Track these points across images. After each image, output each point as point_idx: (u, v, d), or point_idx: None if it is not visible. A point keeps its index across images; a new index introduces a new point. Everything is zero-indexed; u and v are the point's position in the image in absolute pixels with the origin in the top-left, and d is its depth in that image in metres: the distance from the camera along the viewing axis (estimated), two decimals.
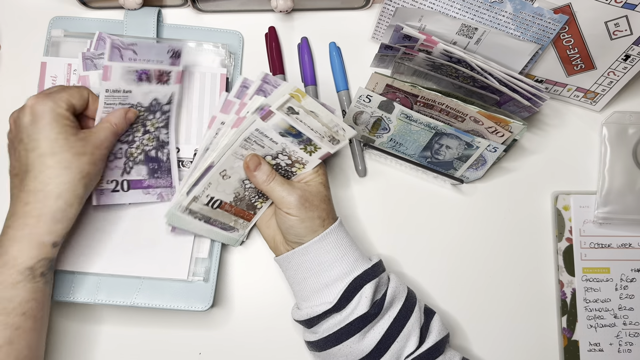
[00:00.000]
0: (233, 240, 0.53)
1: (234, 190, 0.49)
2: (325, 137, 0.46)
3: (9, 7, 0.59)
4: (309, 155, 0.47)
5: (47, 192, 0.42)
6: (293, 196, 0.46)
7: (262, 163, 0.47)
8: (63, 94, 0.45)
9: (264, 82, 0.49)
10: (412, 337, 0.45)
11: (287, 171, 0.49)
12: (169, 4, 0.60)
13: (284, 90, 0.43)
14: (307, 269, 0.46)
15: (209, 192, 0.48)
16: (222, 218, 0.51)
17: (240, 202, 0.51)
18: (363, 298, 0.45)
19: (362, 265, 0.46)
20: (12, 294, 0.41)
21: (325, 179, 0.49)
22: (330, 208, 0.48)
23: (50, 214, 0.42)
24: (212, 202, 0.49)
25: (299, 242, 0.47)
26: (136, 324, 0.53)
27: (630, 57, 0.54)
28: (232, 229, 0.52)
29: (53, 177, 0.42)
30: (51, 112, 0.43)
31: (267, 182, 0.47)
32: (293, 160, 0.48)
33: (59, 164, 0.42)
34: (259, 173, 0.47)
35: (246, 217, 0.52)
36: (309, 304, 0.46)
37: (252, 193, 0.50)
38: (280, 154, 0.47)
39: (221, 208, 0.50)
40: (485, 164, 0.55)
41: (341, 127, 0.46)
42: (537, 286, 0.57)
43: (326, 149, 0.47)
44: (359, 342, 0.45)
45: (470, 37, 0.54)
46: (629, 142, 0.59)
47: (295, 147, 0.47)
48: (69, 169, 0.43)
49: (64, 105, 0.44)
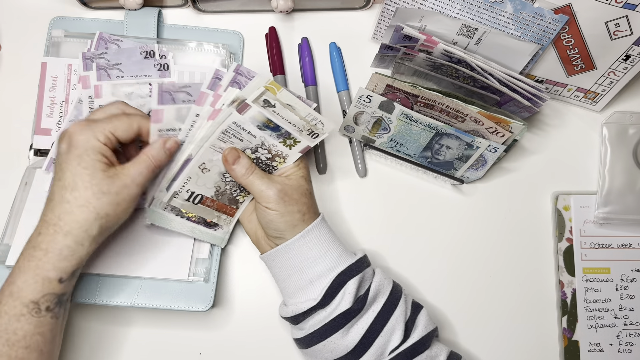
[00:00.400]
0: (218, 239, 0.53)
1: (215, 184, 0.49)
2: (304, 130, 0.46)
3: (9, 7, 0.59)
4: (288, 149, 0.47)
5: (59, 227, 0.40)
6: (272, 190, 0.46)
7: (241, 156, 0.46)
8: (107, 125, 0.42)
9: (236, 73, 0.48)
10: (397, 331, 0.45)
11: (268, 165, 0.49)
12: (169, 4, 0.60)
13: (258, 83, 0.42)
14: (291, 266, 0.46)
15: (189, 187, 0.48)
16: (204, 214, 0.51)
17: (222, 196, 0.50)
18: (346, 294, 0.45)
19: (346, 260, 0.46)
20: (17, 327, 0.40)
21: (306, 173, 0.49)
22: (311, 202, 0.48)
23: (57, 250, 0.40)
24: (193, 197, 0.49)
25: (279, 237, 0.47)
26: (137, 324, 0.53)
27: (631, 57, 0.54)
28: (215, 226, 0.52)
29: (67, 213, 0.40)
30: (85, 144, 0.41)
31: (246, 175, 0.46)
32: (273, 154, 0.47)
33: (75, 200, 0.40)
34: (237, 166, 0.46)
35: (229, 212, 0.52)
36: (295, 301, 0.47)
37: (234, 187, 0.50)
38: (259, 148, 0.47)
39: (202, 203, 0.50)
40: (485, 164, 0.55)
41: (319, 121, 0.45)
42: (538, 286, 0.57)
43: (306, 142, 0.46)
44: (343, 337, 0.45)
45: (471, 38, 0.54)
46: (629, 142, 0.59)
47: (275, 141, 0.46)
48: (85, 207, 0.41)
49: (102, 138, 0.42)
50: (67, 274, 0.42)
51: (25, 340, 0.40)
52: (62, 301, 0.43)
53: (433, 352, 0.46)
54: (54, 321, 0.42)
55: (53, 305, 0.42)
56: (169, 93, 0.46)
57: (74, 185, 0.41)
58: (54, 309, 0.42)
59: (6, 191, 0.52)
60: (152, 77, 0.52)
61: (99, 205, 0.41)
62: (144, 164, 0.44)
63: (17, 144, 0.54)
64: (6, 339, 0.40)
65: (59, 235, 0.41)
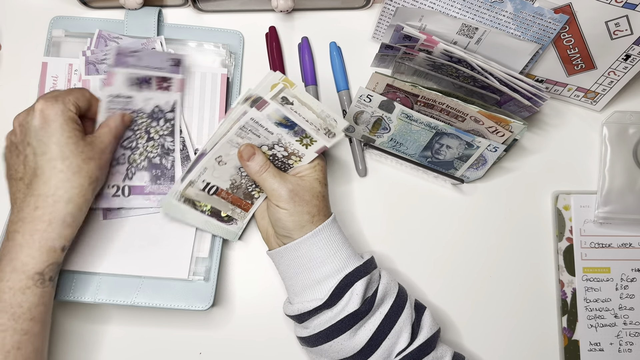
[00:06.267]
0: (232, 234, 0.53)
1: (230, 177, 0.49)
2: (321, 129, 0.46)
3: (9, 7, 0.59)
4: (305, 148, 0.47)
5: (58, 196, 0.42)
6: (284, 189, 0.46)
7: (257, 153, 0.47)
8: (70, 97, 0.45)
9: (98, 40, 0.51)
10: (404, 333, 0.45)
11: (284, 163, 0.49)
12: (169, 4, 0.60)
13: (270, 80, 0.43)
14: (299, 264, 0.46)
15: (204, 177, 0.48)
16: (219, 205, 0.51)
17: (237, 189, 0.50)
18: (354, 295, 0.45)
19: (354, 262, 0.46)
20: (22, 300, 0.41)
21: (322, 175, 0.49)
22: (322, 205, 0.47)
23: (61, 219, 0.42)
24: (208, 188, 0.49)
25: (286, 236, 0.47)
26: (137, 323, 0.53)
27: (631, 56, 0.54)
28: (230, 219, 0.52)
29: (64, 182, 0.42)
30: (62, 116, 0.43)
31: (260, 172, 0.47)
32: (289, 152, 0.48)
33: (69, 168, 0.42)
34: (252, 163, 0.47)
35: (243, 206, 0.52)
36: (300, 299, 0.47)
37: (249, 181, 0.50)
38: (276, 145, 0.47)
39: (218, 195, 0.50)
40: (485, 164, 0.55)
41: (332, 118, 0.46)
42: (538, 286, 0.57)
43: (322, 142, 0.46)
44: (350, 339, 0.45)
45: (471, 37, 0.54)
46: (630, 141, 0.59)
47: (291, 139, 0.46)
48: (79, 173, 0.43)
49: (73, 108, 0.44)
50: (69, 240, 0.44)
51: (30, 312, 0.41)
52: (60, 270, 0.45)
53: (438, 354, 0.46)
54: (53, 290, 0.44)
55: (54, 275, 0.44)
56: (122, 56, 0.47)
57: (64, 155, 0.42)
58: (55, 278, 0.44)
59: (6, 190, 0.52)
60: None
61: (90, 170, 0.44)
62: (110, 134, 0.47)
63: None
64: (12, 313, 0.41)
65: (60, 204, 0.42)
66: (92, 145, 0.44)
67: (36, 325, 0.42)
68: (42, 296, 0.42)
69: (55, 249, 0.43)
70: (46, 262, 0.42)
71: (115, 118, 0.48)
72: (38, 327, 0.42)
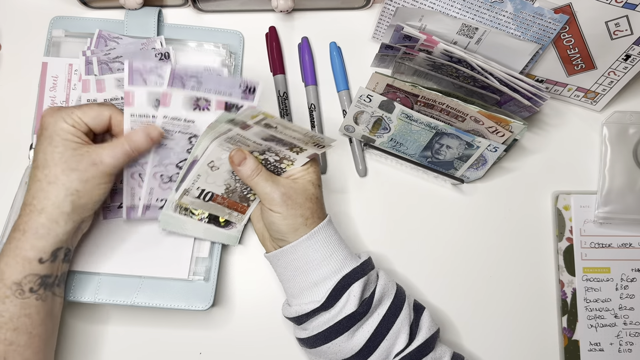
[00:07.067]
0: (232, 238, 0.53)
1: (225, 182, 0.49)
2: (309, 142, 0.45)
3: (9, 7, 0.59)
4: (295, 154, 0.47)
5: (33, 206, 0.41)
6: (276, 192, 0.46)
7: (247, 157, 0.46)
8: (75, 110, 0.43)
9: None
10: (402, 334, 0.45)
11: (276, 167, 0.48)
12: (169, 4, 0.60)
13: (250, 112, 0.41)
14: (296, 267, 0.46)
15: (198, 184, 0.48)
16: (216, 211, 0.51)
17: (232, 194, 0.50)
18: (351, 297, 0.45)
19: (351, 263, 0.46)
20: (2, 309, 0.40)
21: (315, 177, 0.48)
22: (316, 207, 0.47)
23: (33, 229, 0.41)
24: (203, 195, 0.49)
25: (281, 239, 0.47)
26: (137, 323, 0.53)
27: (631, 56, 0.54)
28: (228, 224, 0.52)
29: (38, 191, 0.41)
30: (54, 125, 0.42)
31: (252, 177, 0.46)
32: (281, 157, 0.47)
33: (45, 178, 0.41)
34: (243, 168, 0.46)
35: (240, 209, 0.52)
36: (298, 302, 0.47)
37: (243, 184, 0.50)
38: (267, 151, 0.47)
39: (213, 201, 0.50)
40: (485, 164, 0.55)
41: (318, 137, 0.45)
42: (538, 286, 0.57)
43: (312, 151, 0.46)
44: (348, 340, 0.45)
45: (471, 37, 0.54)
46: (630, 141, 0.59)
47: (281, 147, 0.46)
48: (54, 184, 0.41)
49: (70, 120, 0.43)
50: (47, 253, 0.42)
51: (12, 323, 0.41)
52: (47, 283, 0.43)
53: (437, 354, 0.46)
54: (40, 303, 0.42)
55: (37, 287, 0.42)
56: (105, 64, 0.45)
57: (45, 164, 0.42)
58: (38, 291, 0.42)
59: (6, 191, 0.52)
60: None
61: (67, 181, 0.41)
62: (119, 147, 0.44)
63: (17, 143, 0.54)
64: None
65: (33, 214, 0.41)
66: (82, 156, 0.42)
67: (21, 336, 0.41)
68: (24, 307, 0.41)
69: (30, 260, 0.41)
70: (22, 272, 0.41)
71: (137, 132, 0.45)
72: (24, 339, 0.41)
